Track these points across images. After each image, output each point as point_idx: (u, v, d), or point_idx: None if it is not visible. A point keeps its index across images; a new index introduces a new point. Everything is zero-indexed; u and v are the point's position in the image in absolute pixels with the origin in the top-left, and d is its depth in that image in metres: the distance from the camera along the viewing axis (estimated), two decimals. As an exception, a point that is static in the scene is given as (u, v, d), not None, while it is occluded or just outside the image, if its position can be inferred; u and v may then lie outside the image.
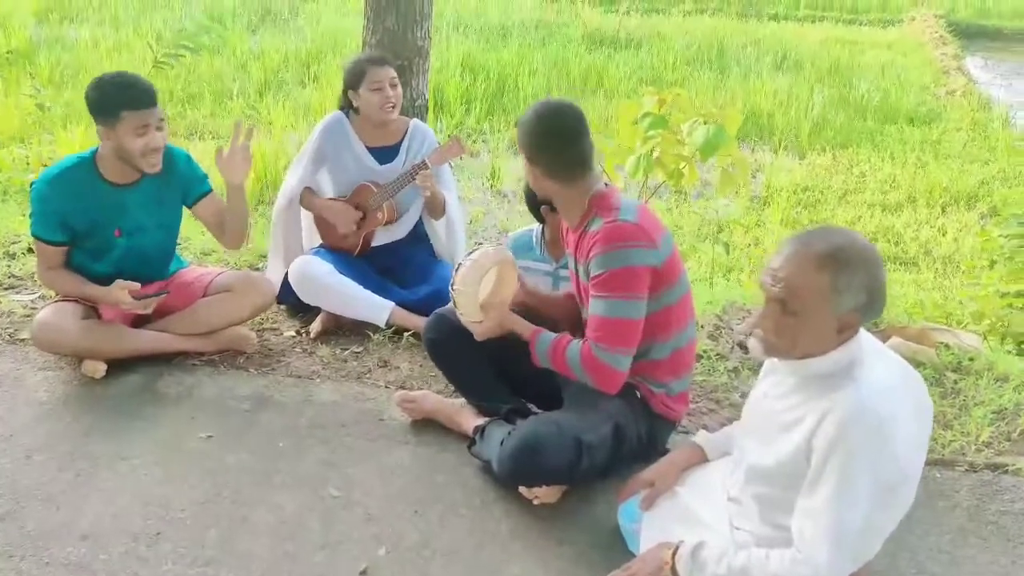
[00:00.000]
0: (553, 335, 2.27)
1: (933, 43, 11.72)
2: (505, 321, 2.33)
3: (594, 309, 2.17)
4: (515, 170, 6.21)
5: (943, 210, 5.86)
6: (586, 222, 2.24)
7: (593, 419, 2.20)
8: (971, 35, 13.29)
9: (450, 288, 2.32)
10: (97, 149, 2.82)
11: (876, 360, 1.66)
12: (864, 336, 1.67)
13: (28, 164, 5.02)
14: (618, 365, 2.15)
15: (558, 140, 2.23)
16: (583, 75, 8.68)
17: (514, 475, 2.20)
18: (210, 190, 3.02)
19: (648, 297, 2.16)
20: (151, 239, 2.94)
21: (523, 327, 2.32)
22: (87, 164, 2.81)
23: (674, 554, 1.76)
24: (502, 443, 2.19)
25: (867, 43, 11.59)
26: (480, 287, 2.30)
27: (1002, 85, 10.38)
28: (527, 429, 2.18)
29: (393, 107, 3.18)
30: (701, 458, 2.04)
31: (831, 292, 1.58)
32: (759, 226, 5.48)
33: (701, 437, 2.08)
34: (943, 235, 5.36)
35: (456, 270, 2.33)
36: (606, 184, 2.28)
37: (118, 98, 2.66)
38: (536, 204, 2.82)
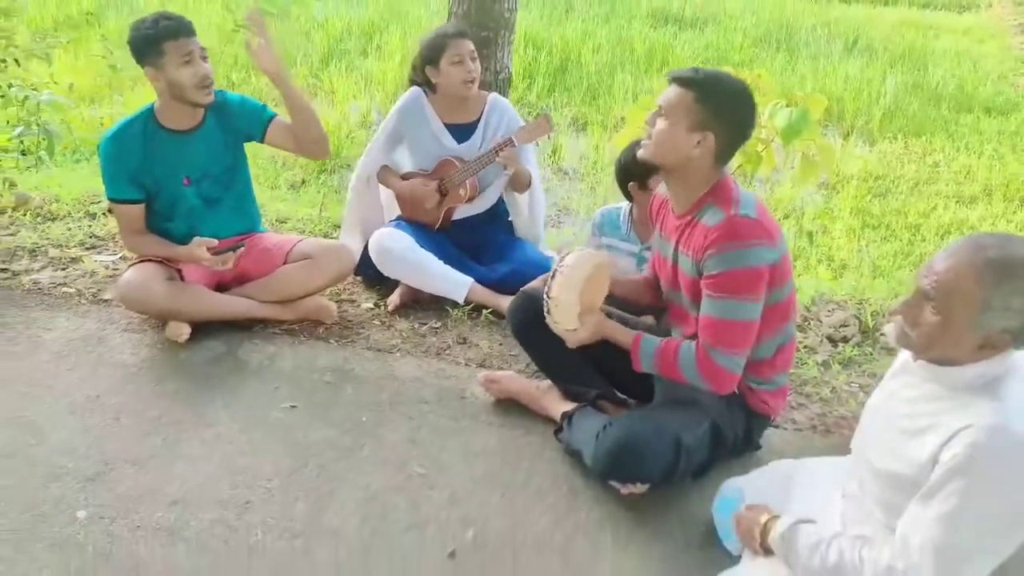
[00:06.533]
0: (658, 339, 2.17)
1: (1012, 31, 11.28)
2: (601, 328, 2.23)
3: (709, 310, 2.06)
4: (576, 148, 6.11)
5: (1021, 205, 5.65)
6: (698, 210, 2.11)
7: (691, 417, 2.13)
8: (1052, 23, 12.79)
9: (544, 297, 2.20)
10: (155, 103, 2.83)
11: None
12: (1019, 354, 1.54)
13: (101, 125, 5.05)
14: (735, 368, 2.07)
15: (751, 119, 2.09)
16: (647, 53, 8.51)
17: (609, 473, 2.14)
18: (274, 114, 2.99)
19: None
20: (220, 185, 2.94)
21: (622, 333, 2.22)
22: (146, 115, 2.84)
23: (768, 522, 1.73)
24: (597, 437, 2.12)
25: (942, 28, 11.20)
26: (579, 295, 2.18)
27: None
28: (625, 428, 2.10)
29: (474, 81, 3.11)
30: None
31: (981, 305, 1.45)
32: (827, 213, 5.33)
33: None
34: (1022, 232, 5.17)
35: (552, 277, 2.19)
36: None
37: (157, 32, 2.67)
38: (626, 181, 2.74)
